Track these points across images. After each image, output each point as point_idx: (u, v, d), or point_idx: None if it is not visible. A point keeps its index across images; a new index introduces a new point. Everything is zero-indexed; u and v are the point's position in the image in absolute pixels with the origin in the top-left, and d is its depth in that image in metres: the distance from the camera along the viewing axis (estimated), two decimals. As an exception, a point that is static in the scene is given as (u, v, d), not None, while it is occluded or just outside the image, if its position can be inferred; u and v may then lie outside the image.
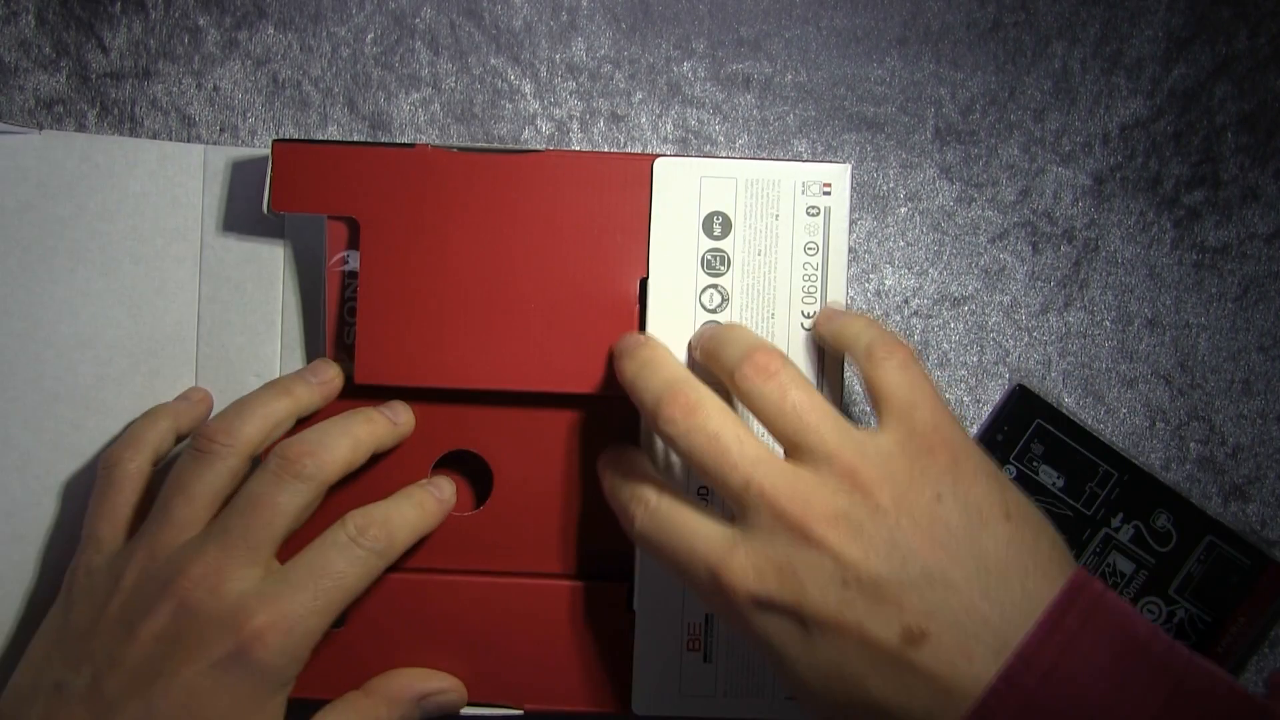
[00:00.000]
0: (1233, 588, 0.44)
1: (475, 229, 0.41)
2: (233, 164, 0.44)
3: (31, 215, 0.43)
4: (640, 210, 0.41)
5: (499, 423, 0.42)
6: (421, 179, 0.41)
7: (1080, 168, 0.46)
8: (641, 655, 0.40)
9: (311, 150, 0.41)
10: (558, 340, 0.41)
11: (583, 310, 0.41)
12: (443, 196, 0.41)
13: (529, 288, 0.41)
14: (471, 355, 0.41)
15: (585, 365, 0.41)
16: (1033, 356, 0.46)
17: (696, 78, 0.46)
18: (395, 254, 0.41)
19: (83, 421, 0.43)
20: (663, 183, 0.41)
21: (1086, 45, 0.46)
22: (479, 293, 0.41)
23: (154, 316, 0.44)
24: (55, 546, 0.43)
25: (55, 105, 0.46)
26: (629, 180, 0.41)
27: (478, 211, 0.41)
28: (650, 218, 0.41)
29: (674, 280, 0.41)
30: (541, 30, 0.46)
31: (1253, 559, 0.44)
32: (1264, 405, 0.46)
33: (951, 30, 0.46)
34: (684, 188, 0.41)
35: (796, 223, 0.40)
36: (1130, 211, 0.46)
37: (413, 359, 0.41)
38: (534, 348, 0.41)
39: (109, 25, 0.46)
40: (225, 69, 0.46)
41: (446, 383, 0.41)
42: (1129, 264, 0.46)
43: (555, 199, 0.41)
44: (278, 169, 0.41)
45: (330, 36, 0.46)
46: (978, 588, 0.30)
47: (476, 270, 0.41)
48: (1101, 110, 0.46)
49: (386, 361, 0.41)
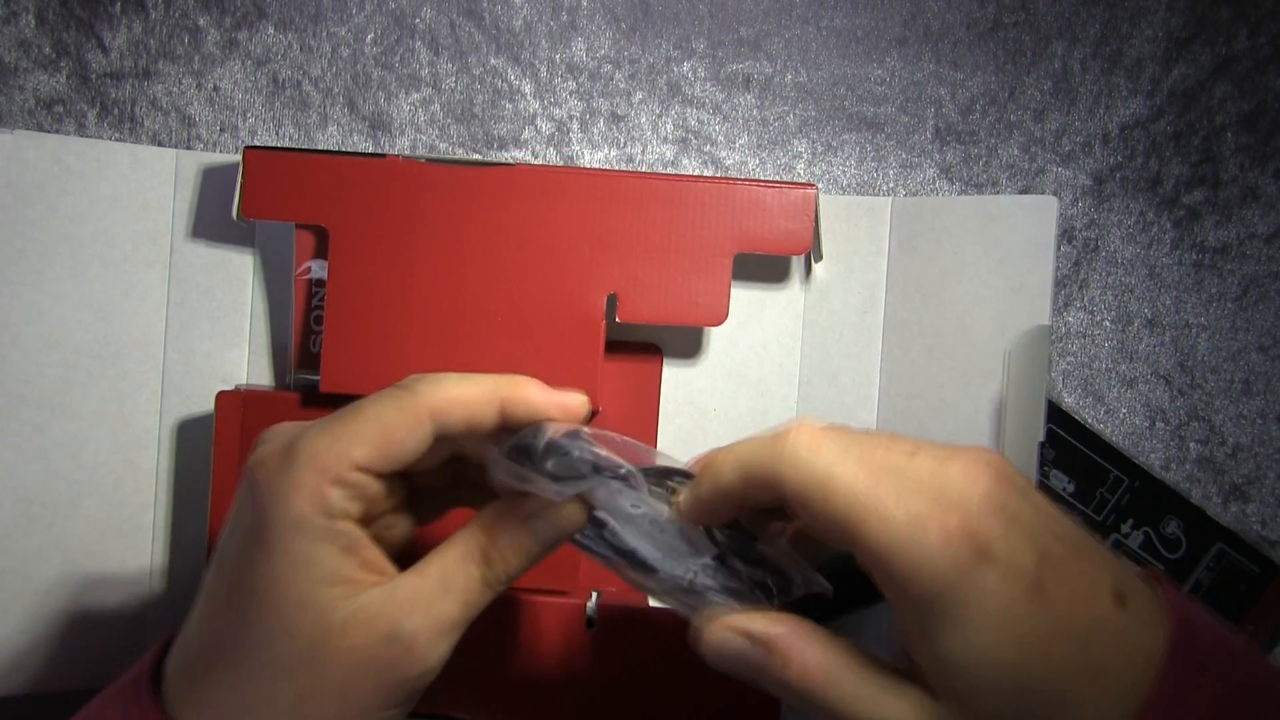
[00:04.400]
0: (1242, 595, 0.44)
1: (444, 240, 0.41)
2: (204, 170, 0.44)
3: (0, 215, 0.43)
4: (611, 225, 0.41)
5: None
6: (391, 189, 0.41)
7: (1080, 168, 0.46)
8: None
9: (282, 158, 0.41)
10: (524, 353, 0.41)
11: (549, 324, 0.41)
12: (412, 207, 0.41)
13: (496, 300, 0.41)
14: (437, 366, 0.40)
15: (550, 379, 0.40)
16: (1033, 356, 0.46)
17: (696, 78, 0.46)
18: (363, 263, 0.41)
19: (47, 424, 0.43)
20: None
21: (1086, 45, 0.46)
22: (446, 304, 0.41)
23: (122, 320, 0.43)
24: (9, 549, 0.42)
25: (55, 105, 0.46)
26: (599, 194, 0.41)
27: (447, 223, 0.41)
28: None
29: None
30: (541, 30, 0.46)
31: (1262, 567, 0.44)
32: (1264, 405, 0.46)
33: (951, 30, 0.46)
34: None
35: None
36: (1130, 211, 0.46)
37: (379, 368, 0.41)
38: (500, 361, 0.41)
39: (109, 25, 0.46)
40: (225, 69, 0.46)
41: None
42: (1129, 264, 0.46)
43: (524, 212, 0.41)
44: (248, 176, 0.41)
45: (330, 36, 0.46)
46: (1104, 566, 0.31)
47: (444, 281, 0.41)
48: (1101, 110, 0.46)
49: (352, 370, 0.41)
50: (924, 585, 0.28)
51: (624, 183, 0.41)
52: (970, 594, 0.27)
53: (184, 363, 0.44)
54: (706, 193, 0.41)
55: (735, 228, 0.41)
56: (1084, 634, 0.28)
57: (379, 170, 0.41)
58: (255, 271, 0.44)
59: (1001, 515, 0.28)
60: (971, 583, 0.27)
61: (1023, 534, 0.28)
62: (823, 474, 0.29)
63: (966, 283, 0.42)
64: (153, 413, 0.44)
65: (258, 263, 0.44)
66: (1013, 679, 0.28)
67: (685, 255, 0.41)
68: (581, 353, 0.41)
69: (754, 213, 0.41)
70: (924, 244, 0.43)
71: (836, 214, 0.44)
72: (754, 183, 0.41)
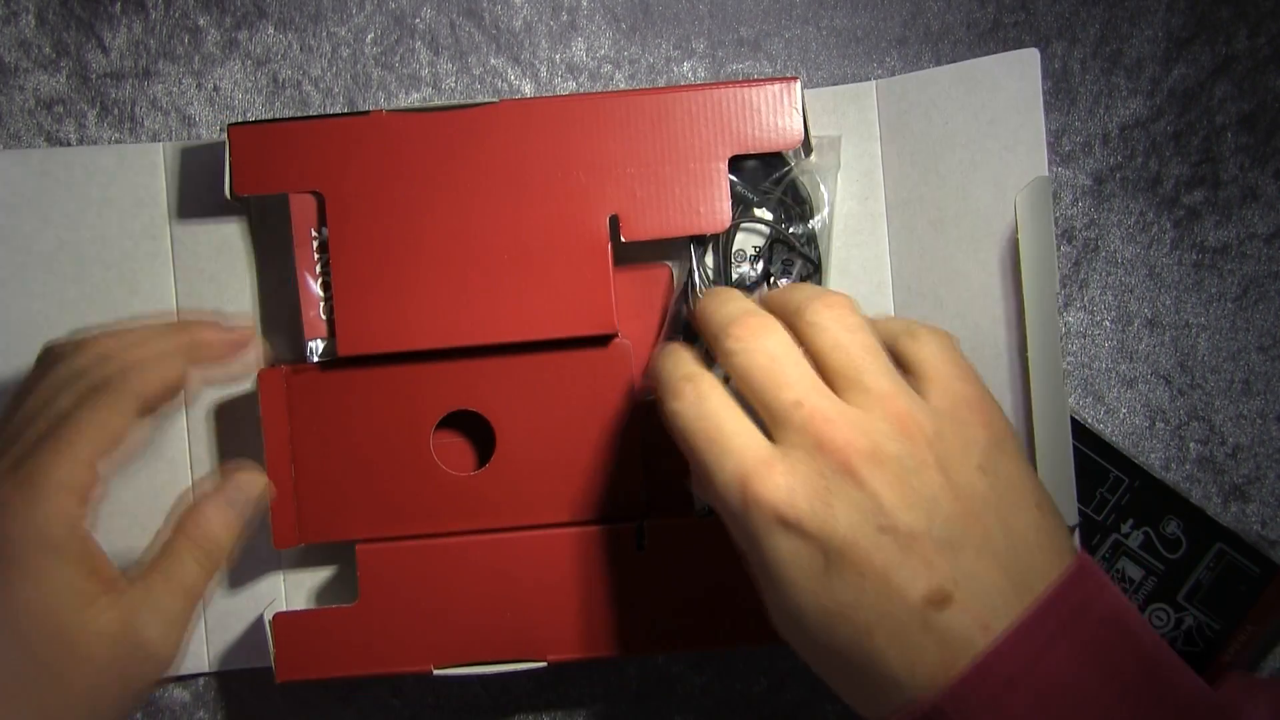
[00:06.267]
0: (1241, 595, 0.44)
1: (440, 187, 0.41)
2: (189, 155, 0.44)
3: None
4: (602, 147, 0.41)
5: (494, 377, 0.42)
6: (381, 145, 0.41)
7: (1080, 168, 0.46)
8: None
9: (268, 130, 0.41)
10: (534, 287, 0.41)
11: (556, 254, 0.41)
12: (403, 159, 0.41)
13: (500, 239, 0.41)
14: (451, 313, 0.41)
15: (566, 309, 0.41)
16: (1033, 356, 0.46)
17: (696, 78, 0.46)
18: (363, 222, 0.41)
19: None
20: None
21: (1086, 45, 0.46)
22: (451, 250, 0.41)
23: (131, 318, 0.43)
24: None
25: (55, 105, 0.46)
26: (586, 119, 0.41)
27: (440, 170, 0.41)
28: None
29: None
30: (541, 30, 0.46)
31: (1262, 567, 0.44)
32: (1264, 405, 0.46)
33: (951, 30, 0.46)
34: None
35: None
36: (1130, 211, 0.46)
37: (393, 325, 0.41)
38: (512, 298, 0.41)
39: (109, 25, 0.46)
40: (225, 69, 0.46)
41: (429, 344, 0.41)
42: (1129, 264, 0.46)
43: (515, 147, 0.41)
44: (236, 153, 0.41)
45: (330, 36, 0.46)
46: (1005, 565, 0.30)
47: (446, 228, 0.41)
48: (1101, 110, 0.46)
49: (368, 330, 0.41)
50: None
51: (608, 103, 0.41)
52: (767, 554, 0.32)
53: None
54: (692, 101, 0.41)
55: (725, 131, 0.41)
56: (873, 623, 0.30)
57: (366, 128, 0.41)
58: (256, 248, 0.44)
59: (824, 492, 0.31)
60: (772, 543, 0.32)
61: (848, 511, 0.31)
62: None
63: (960, 150, 0.42)
64: (177, 403, 0.44)
65: (258, 238, 0.44)
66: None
67: (680, 166, 0.41)
68: (591, 277, 0.41)
69: (742, 114, 0.41)
70: (913, 121, 0.43)
71: (824, 106, 0.44)
72: (737, 84, 0.41)
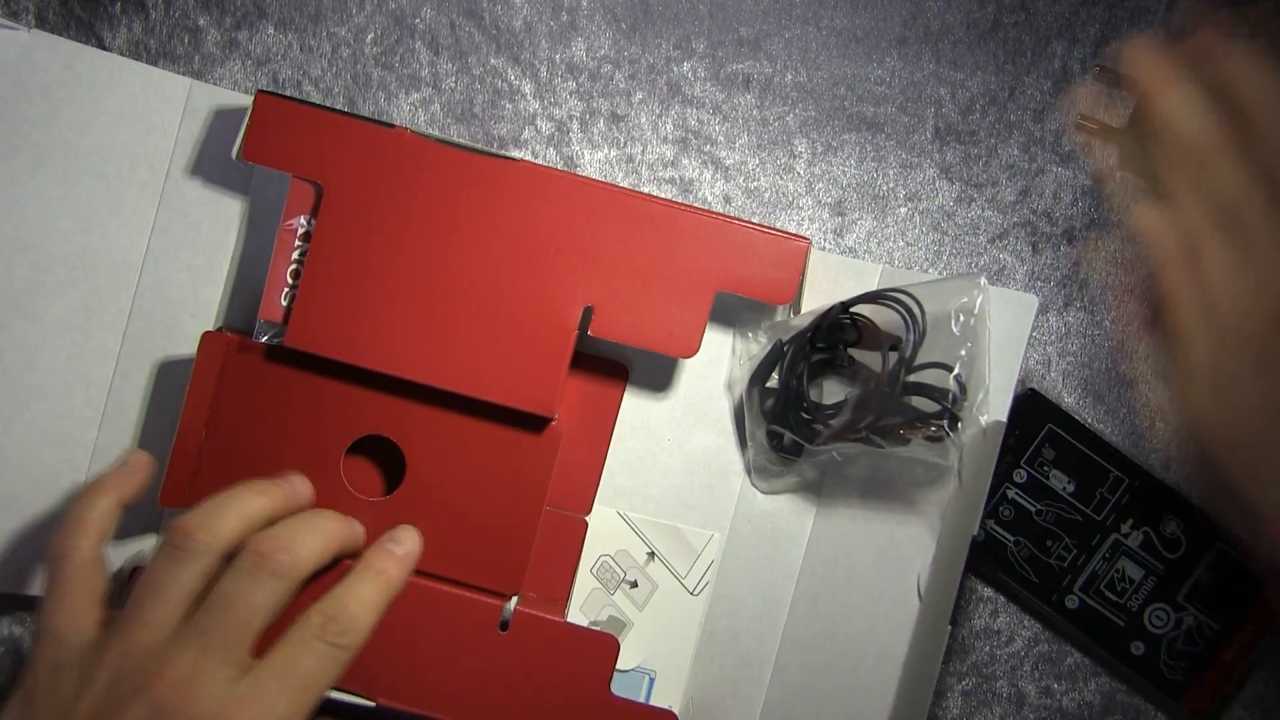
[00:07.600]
0: (1241, 596, 0.44)
1: (434, 221, 0.41)
2: (216, 110, 0.44)
3: (2, 110, 0.43)
4: (601, 238, 0.41)
5: (423, 419, 0.42)
6: (395, 161, 0.41)
7: (1080, 168, 0.46)
8: None
9: (293, 108, 0.41)
10: (489, 348, 0.41)
11: (522, 322, 0.41)
12: (410, 182, 0.41)
13: (475, 290, 0.41)
14: (404, 344, 0.41)
15: (513, 378, 0.40)
16: (1033, 356, 0.46)
17: (696, 78, 0.46)
18: (351, 227, 0.41)
19: (7, 323, 0.43)
20: None
21: (1086, 45, 0.46)
22: (424, 283, 0.41)
23: (104, 236, 0.43)
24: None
25: (55, 105, 0.46)
26: (595, 206, 0.41)
27: (440, 204, 0.41)
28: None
29: None
30: (541, 30, 0.46)
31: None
32: (1264, 405, 0.46)
33: (951, 30, 0.46)
34: None
35: None
36: (1130, 211, 0.46)
37: (346, 334, 0.41)
38: (467, 351, 0.41)
39: (109, 25, 0.46)
40: (225, 69, 0.46)
41: (375, 365, 0.41)
42: (1129, 264, 0.46)
43: (519, 208, 0.41)
44: (255, 119, 0.41)
45: (330, 36, 0.46)
46: None
47: (427, 261, 0.41)
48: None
49: (321, 331, 0.41)
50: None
51: (621, 199, 0.41)
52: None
53: (156, 289, 0.44)
54: (701, 225, 0.41)
55: (723, 266, 0.41)
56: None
57: (384, 139, 0.41)
58: (243, 217, 0.44)
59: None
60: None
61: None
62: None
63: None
64: (116, 332, 0.44)
65: (247, 209, 0.44)
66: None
67: (668, 283, 0.41)
68: (547, 357, 0.41)
69: (744, 255, 0.41)
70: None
71: (827, 270, 0.44)
72: (750, 225, 0.41)
